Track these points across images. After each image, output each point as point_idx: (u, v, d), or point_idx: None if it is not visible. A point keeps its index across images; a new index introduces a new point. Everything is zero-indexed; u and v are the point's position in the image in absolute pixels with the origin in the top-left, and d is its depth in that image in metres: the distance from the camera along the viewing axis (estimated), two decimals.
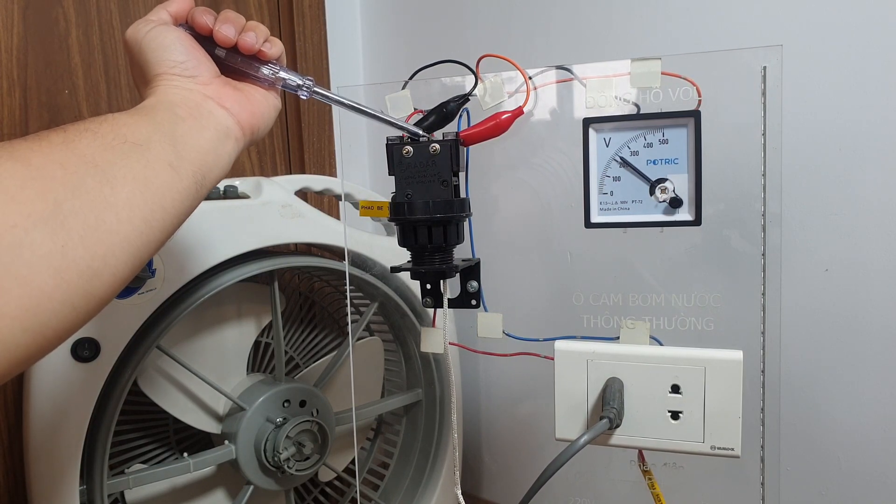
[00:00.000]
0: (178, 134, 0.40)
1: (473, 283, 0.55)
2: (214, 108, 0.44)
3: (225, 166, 0.44)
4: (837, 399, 0.70)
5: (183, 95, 0.43)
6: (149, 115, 0.40)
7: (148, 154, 0.37)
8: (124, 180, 0.35)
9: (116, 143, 0.36)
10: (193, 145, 0.41)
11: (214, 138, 0.42)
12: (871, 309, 0.67)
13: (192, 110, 0.42)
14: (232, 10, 1.02)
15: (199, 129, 0.42)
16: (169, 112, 0.41)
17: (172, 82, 0.43)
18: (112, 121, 0.38)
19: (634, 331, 0.53)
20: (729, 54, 0.50)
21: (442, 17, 1.00)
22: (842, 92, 0.66)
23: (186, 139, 0.40)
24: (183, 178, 0.39)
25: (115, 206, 0.34)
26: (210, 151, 0.42)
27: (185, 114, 0.42)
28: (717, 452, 0.50)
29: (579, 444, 0.47)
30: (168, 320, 0.67)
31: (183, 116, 0.41)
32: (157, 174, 0.37)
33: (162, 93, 0.43)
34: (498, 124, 0.50)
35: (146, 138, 0.38)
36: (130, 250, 0.35)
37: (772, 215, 0.50)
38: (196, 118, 0.42)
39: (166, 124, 0.40)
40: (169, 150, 0.38)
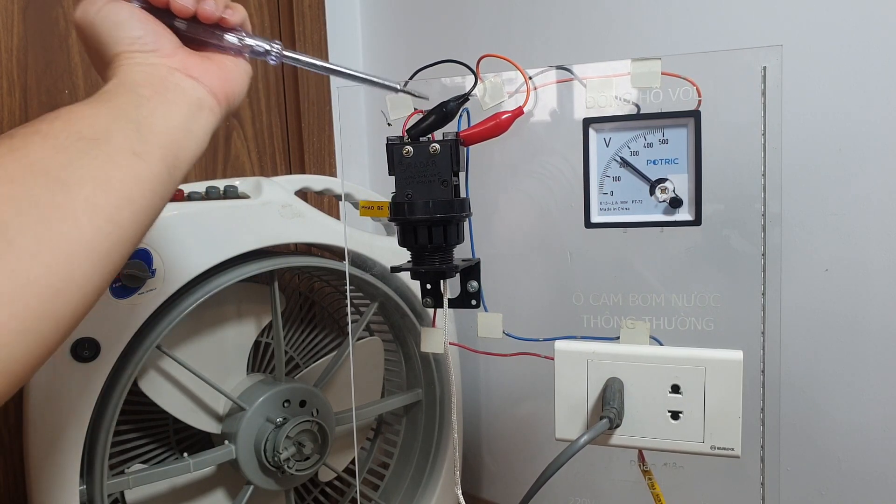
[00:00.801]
0: (142, 117, 0.37)
1: (473, 283, 0.55)
2: (182, 80, 0.41)
3: (201, 142, 0.41)
4: (837, 399, 0.70)
5: (146, 72, 0.40)
6: (108, 101, 0.37)
7: (107, 147, 0.34)
8: (81, 182, 0.32)
9: (70, 142, 0.33)
10: (161, 126, 0.38)
11: (185, 113, 0.40)
12: (872, 309, 0.67)
13: (156, 87, 0.39)
14: None
15: (166, 106, 0.39)
16: (131, 93, 0.38)
17: (133, 60, 0.40)
18: (66, 116, 0.35)
19: (634, 331, 0.53)
20: (729, 54, 0.50)
21: (442, 16, 1.01)
22: (842, 92, 0.66)
23: (152, 121, 0.37)
24: (151, 165, 0.36)
25: (72, 213, 0.31)
26: (181, 128, 0.39)
27: (150, 92, 0.38)
28: (717, 452, 0.50)
29: (579, 444, 0.47)
30: (168, 320, 0.67)
31: (147, 96, 0.38)
32: (119, 167, 0.34)
33: (123, 73, 0.39)
34: (498, 124, 0.50)
35: (105, 129, 0.35)
36: (97, 256, 0.33)
37: (772, 215, 0.50)
38: (161, 94, 0.39)
39: (128, 108, 0.37)
40: (133, 136, 0.35)
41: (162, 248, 0.66)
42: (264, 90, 1.04)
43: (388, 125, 0.53)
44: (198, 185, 0.73)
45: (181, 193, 0.70)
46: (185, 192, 0.70)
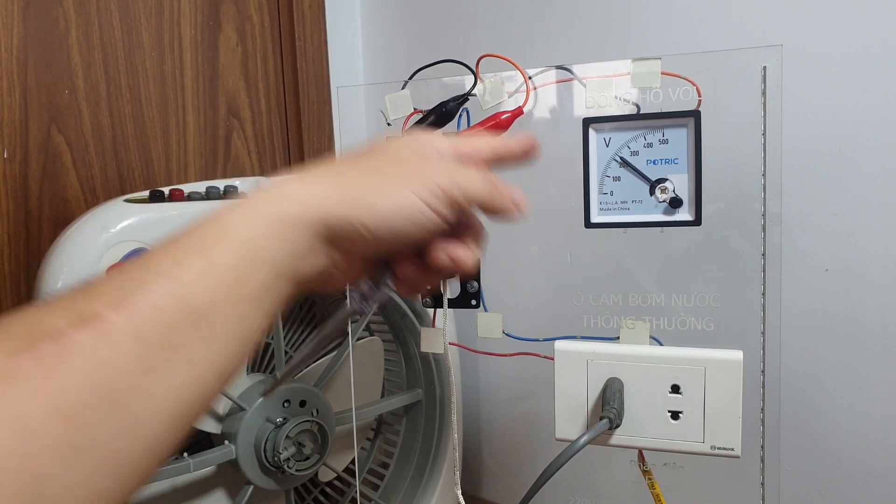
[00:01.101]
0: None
1: (473, 283, 0.55)
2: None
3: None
4: (837, 399, 0.70)
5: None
6: (240, 290, 0.28)
7: (191, 370, 0.26)
8: (153, 417, 0.25)
9: (163, 357, 0.26)
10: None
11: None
12: (871, 309, 0.67)
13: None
14: (232, 9, 1.02)
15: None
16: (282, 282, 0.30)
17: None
18: (180, 300, 0.26)
19: (634, 331, 0.53)
20: (729, 54, 0.50)
21: (442, 16, 1.00)
22: (842, 92, 0.66)
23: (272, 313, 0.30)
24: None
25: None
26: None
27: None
28: (717, 452, 0.50)
29: (579, 444, 0.47)
30: None
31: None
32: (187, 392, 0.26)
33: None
34: (498, 124, 0.50)
35: (209, 340, 0.27)
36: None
37: (772, 215, 0.50)
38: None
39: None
40: (231, 349, 0.28)
41: None
42: (264, 90, 1.04)
43: (387, 125, 0.53)
44: (198, 185, 0.73)
45: (181, 193, 0.70)
46: (186, 193, 0.70)
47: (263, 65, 1.04)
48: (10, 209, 0.80)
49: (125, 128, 0.90)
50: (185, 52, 0.95)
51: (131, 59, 0.90)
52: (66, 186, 0.85)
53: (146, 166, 0.92)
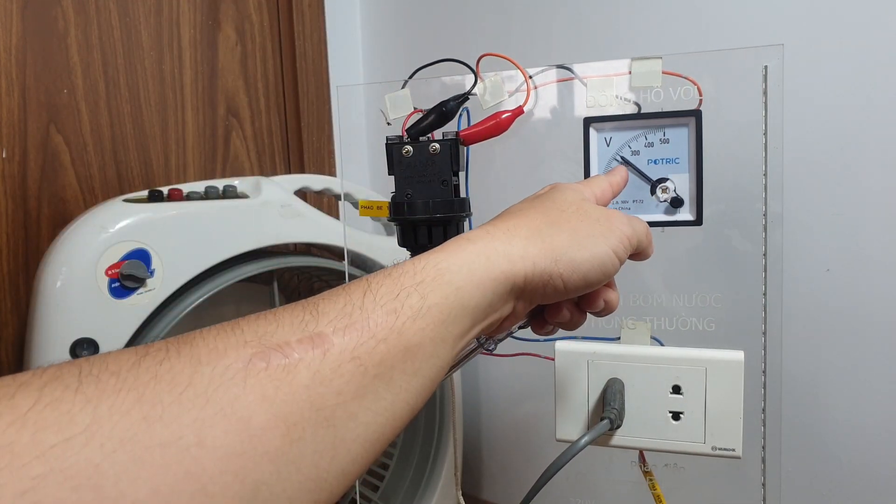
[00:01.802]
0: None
1: None
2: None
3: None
4: (839, 399, 0.69)
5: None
6: (445, 331, 0.29)
7: (398, 398, 0.28)
8: (356, 441, 0.26)
9: (375, 386, 0.27)
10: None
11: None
12: (873, 309, 0.67)
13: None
14: (231, 9, 1.02)
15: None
16: (477, 328, 0.32)
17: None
18: (398, 334, 0.27)
19: (635, 331, 0.53)
20: (730, 53, 0.50)
21: (442, 16, 1.00)
22: (843, 91, 0.65)
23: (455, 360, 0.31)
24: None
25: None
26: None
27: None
28: (718, 453, 0.50)
29: (580, 444, 0.46)
30: (167, 321, 0.67)
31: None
32: (391, 425, 0.28)
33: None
34: (498, 123, 0.50)
35: (411, 374, 0.28)
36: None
37: (773, 215, 0.49)
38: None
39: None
40: (427, 386, 0.29)
41: (161, 248, 0.65)
42: (263, 90, 1.04)
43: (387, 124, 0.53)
44: (197, 184, 0.72)
45: (180, 193, 0.70)
46: (184, 192, 0.70)
47: (263, 64, 1.03)
48: (9, 209, 0.80)
49: (124, 127, 0.89)
50: (184, 51, 0.95)
51: (130, 58, 0.90)
52: (65, 186, 0.84)
53: (145, 166, 0.92)
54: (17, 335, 0.81)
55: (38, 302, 0.62)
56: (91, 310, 0.62)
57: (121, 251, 0.63)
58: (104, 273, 0.63)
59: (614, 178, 0.45)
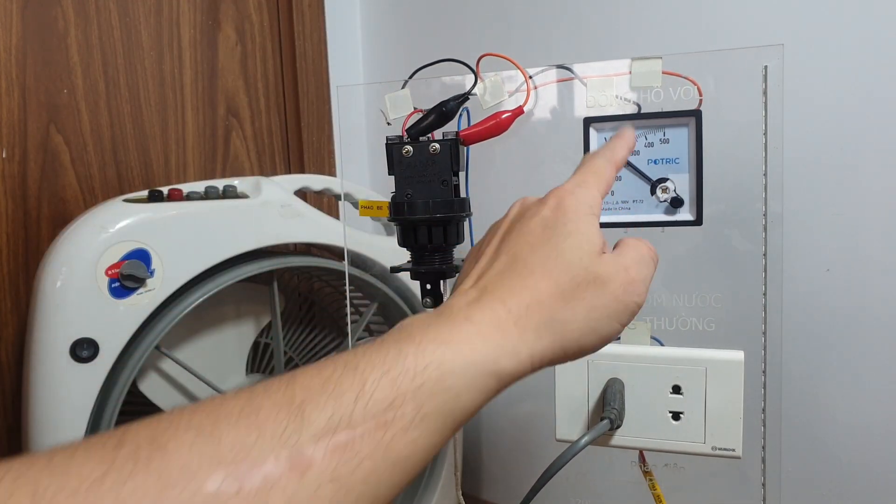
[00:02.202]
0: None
1: None
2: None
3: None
4: (839, 399, 0.70)
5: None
6: (443, 436, 0.28)
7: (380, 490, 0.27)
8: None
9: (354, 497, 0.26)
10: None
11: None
12: (873, 309, 0.67)
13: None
14: (231, 9, 1.02)
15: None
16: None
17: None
18: (385, 448, 0.26)
19: (635, 331, 0.53)
20: (730, 53, 0.50)
21: (442, 16, 1.00)
22: (843, 91, 0.65)
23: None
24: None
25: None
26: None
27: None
28: (718, 453, 0.50)
29: (580, 444, 0.46)
30: (167, 321, 0.67)
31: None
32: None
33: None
34: (498, 124, 0.50)
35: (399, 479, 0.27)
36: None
37: (773, 215, 0.49)
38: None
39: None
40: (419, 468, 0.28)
41: (161, 248, 0.65)
42: (263, 90, 1.04)
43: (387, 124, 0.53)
44: (197, 184, 0.72)
45: (180, 193, 0.70)
46: (184, 192, 0.70)
47: (263, 64, 1.03)
48: (9, 209, 0.80)
49: (124, 127, 0.89)
50: (184, 51, 0.95)
51: (130, 58, 0.90)
52: (65, 186, 0.84)
53: (145, 166, 0.92)
54: (18, 335, 0.81)
55: (38, 302, 0.62)
56: (91, 310, 0.62)
57: (121, 251, 0.63)
58: (104, 273, 0.63)
59: (617, 153, 0.38)
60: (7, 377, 0.80)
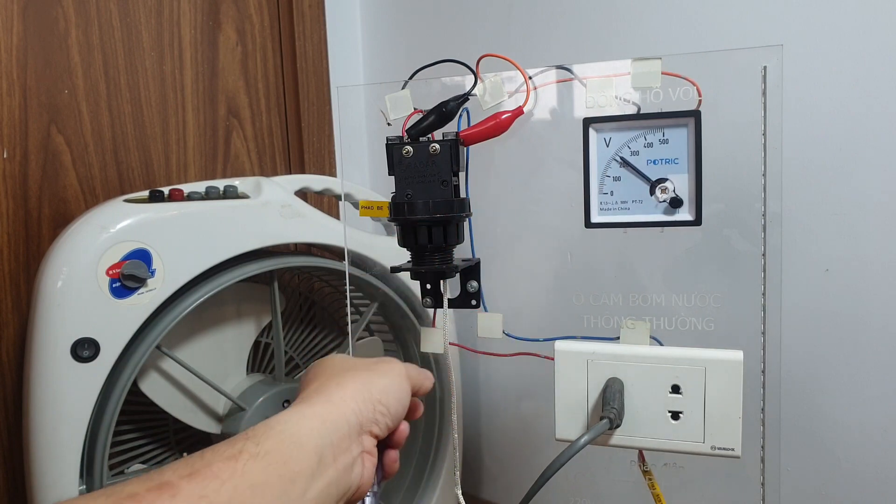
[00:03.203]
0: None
1: (473, 283, 0.55)
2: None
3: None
4: (838, 399, 0.70)
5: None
6: (289, 469, 0.33)
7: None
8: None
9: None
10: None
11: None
12: (872, 309, 0.67)
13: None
14: (231, 9, 1.02)
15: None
16: (330, 469, 0.35)
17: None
18: (241, 474, 0.31)
19: (635, 331, 0.53)
20: (729, 54, 0.50)
21: (442, 16, 1.00)
22: (842, 91, 0.65)
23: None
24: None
25: None
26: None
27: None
28: (718, 453, 0.50)
29: (579, 444, 0.46)
30: (168, 320, 0.67)
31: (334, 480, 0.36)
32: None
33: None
34: (498, 124, 0.50)
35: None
36: None
37: (772, 215, 0.50)
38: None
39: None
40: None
41: (161, 248, 0.66)
42: (264, 90, 1.04)
43: (387, 125, 0.53)
44: (197, 185, 0.73)
45: (181, 193, 0.70)
46: (185, 192, 0.70)
47: (263, 64, 1.03)
48: (10, 209, 0.80)
49: (125, 128, 0.90)
50: (184, 51, 0.95)
51: (131, 58, 0.90)
52: (66, 186, 0.85)
53: (146, 166, 0.92)
54: (18, 335, 0.81)
55: (39, 302, 0.62)
56: (92, 310, 0.62)
57: (121, 251, 0.64)
58: (105, 273, 0.63)
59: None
60: (8, 377, 0.80)
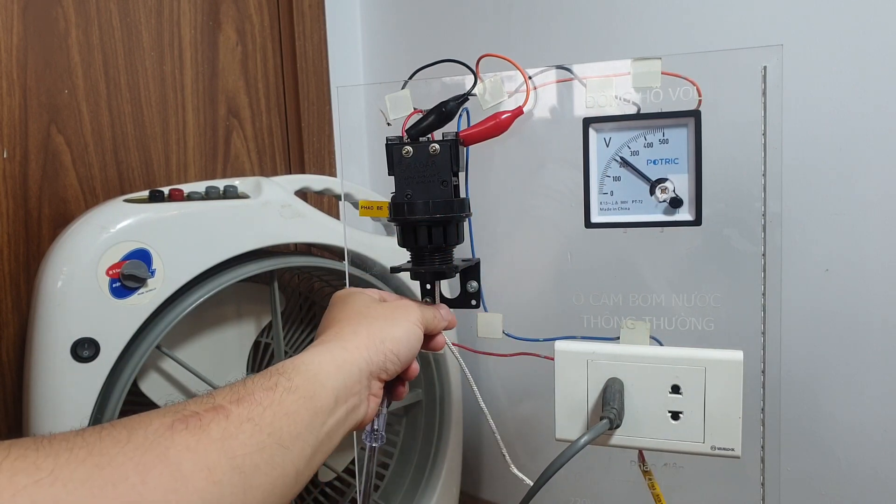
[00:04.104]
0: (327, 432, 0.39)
1: (473, 283, 0.55)
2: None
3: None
4: (838, 399, 0.70)
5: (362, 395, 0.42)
6: (314, 404, 0.37)
7: (287, 457, 0.35)
8: (259, 488, 0.33)
9: (269, 443, 0.34)
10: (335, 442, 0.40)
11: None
12: (872, 309, 0.67)
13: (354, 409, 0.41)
14: (231, 9, 1.02)
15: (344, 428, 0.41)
16: (342, 408, 0.40)
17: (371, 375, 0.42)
18: (278, 403, 0.35)
19: (634, 331, 0.53)
20: (729, 54, 0.50)
21: (442, 16, 1.00)
22: (842, 91, 0.65)
23: (333, 438, 0.39)
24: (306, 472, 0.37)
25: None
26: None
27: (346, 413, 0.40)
28: (718, 453, 0.50)
29: (579, 444, 0.46)
30: (168, 320, 0.67)
31: (345, 417, 0.40)
32: (284, 482, 0.35)
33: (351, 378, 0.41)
34: (498, 124, 0.50)
35: (294, 437, 0.36)
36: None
37: (772, 215, 0.50)
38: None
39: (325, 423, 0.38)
40: (308, 452, 0.37)
41: (162, 248, 0.66)
42: (264, 90, 1.04)
43: (387, 125, 0.53)
44: (198, 185, 0.72)
45: (181, 193, 0.70)
46: (185, 192, 0.70)
47: (263, 64, 1.03)
48: (10, 209, 0.80)
49: (125, 128, 0.90)
50: (184, 51, 0.95)
51: (131, 58, 0.90)
52: (66, 186, 0.85)
53: (146, 166, 0.92)
54: (18, 335, 0.81)
55: (39, 302, 0.62)
56: (92, 310, 0.62)
57: (122, 251, 0.64)
58: (105, 273, 0.63)
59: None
60: (8, 377, 0.80)
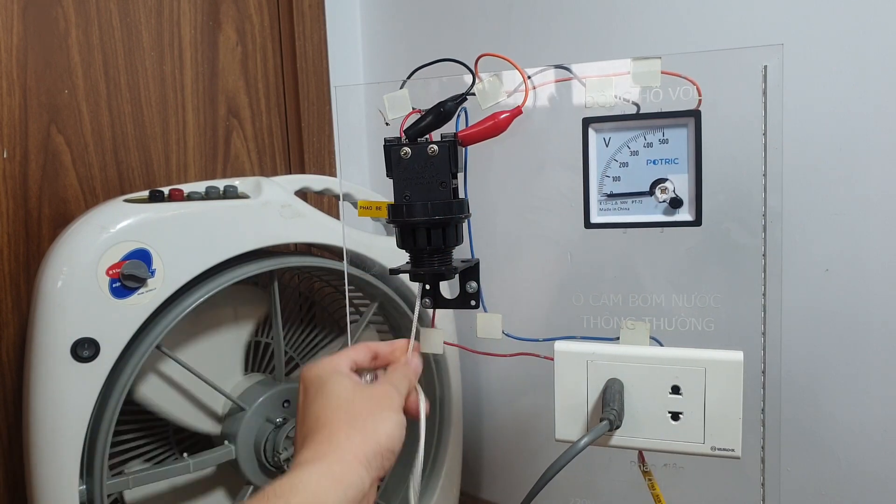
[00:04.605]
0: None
1: (473, 284, 0.55)
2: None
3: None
4: (838, 399, 0.69)
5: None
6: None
7: None
8: None
9: None
10: None
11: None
12: (872, 309, 0.67)
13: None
14: (231, 9, 1.02)
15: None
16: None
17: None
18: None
19: (634, 331, 0.53)
20: (729, 53, 0.50)
21: (442, 16, 1.00)
22: (843, 91, 0.65)
23: None
24: None
25: None
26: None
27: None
28: (718, 453, 0.50)
29: (579, 446, 0.46)
30: (167, 320, 0.67)
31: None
32: None
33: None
34: (496, 124, 0.50)
35: None
36: None
37: (772, 215, 0.49)
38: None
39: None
40: None
41: (161, 248, 0.66)
42: (264, 90, 1.04)
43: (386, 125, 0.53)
44: (197, 185, 0.72)
45: (181, 193, 0.70)
46: (185, 192, 0.70)
47: (263, 64, 1.03)
48: (10, 209, 0.80)
49: (125, 128, 0.90)
50: (184, 51, 0.95)
51: (131, 58, 0.90)
52: (66, 186, 0.85)
53: (146, 166, 0.92)
54: (18, 335, 0.81)
55: (39, 302, 0.62)
56: (92, 310, 0.62)
57: (121, 251, 0.64)
58: (105, 273, 0.63)
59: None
60: (8, 377, 0.80)
